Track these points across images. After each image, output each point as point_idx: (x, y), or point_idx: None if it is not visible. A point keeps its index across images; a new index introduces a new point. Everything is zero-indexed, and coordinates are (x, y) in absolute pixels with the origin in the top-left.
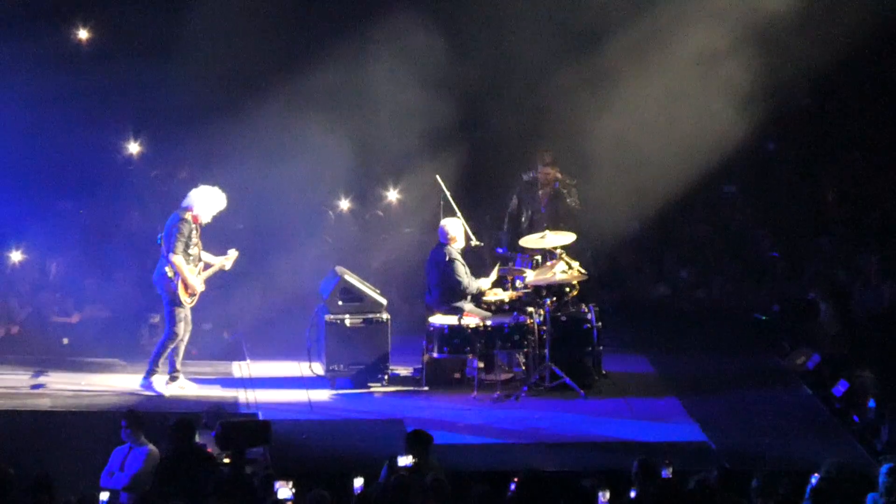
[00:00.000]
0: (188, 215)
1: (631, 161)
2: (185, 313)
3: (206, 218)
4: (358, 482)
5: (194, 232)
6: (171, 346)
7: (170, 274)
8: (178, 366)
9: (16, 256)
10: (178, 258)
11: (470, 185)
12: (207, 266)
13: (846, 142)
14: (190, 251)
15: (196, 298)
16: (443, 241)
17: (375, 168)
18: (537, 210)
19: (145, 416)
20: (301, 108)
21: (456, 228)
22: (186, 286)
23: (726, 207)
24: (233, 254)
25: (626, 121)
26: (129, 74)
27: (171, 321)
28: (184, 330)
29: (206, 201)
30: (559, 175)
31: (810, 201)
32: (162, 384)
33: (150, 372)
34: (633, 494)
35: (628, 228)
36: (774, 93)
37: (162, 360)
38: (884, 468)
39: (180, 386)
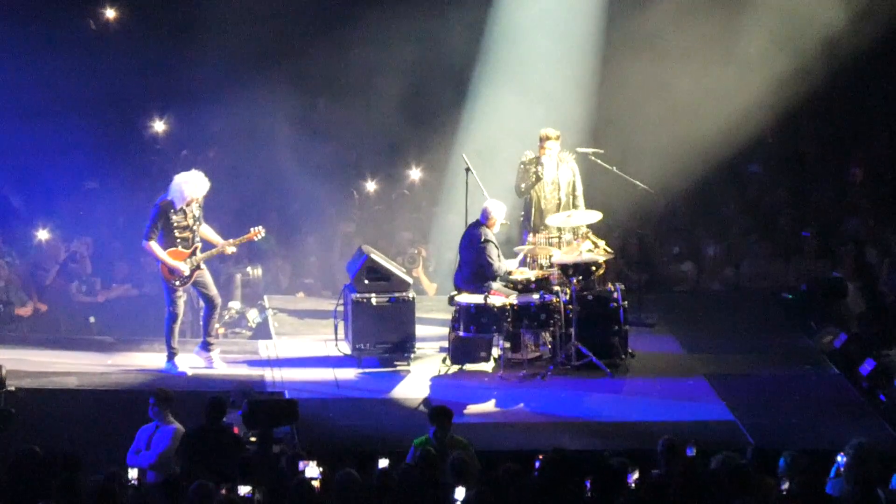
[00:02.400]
0: (163, 202)
1: (661, 138)
2: (179, 294)
3: (179, 203)
4: (382, 462)
5: (175, 217)
6: (176, 326)
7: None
8: (176, 343)
9: (43, 235)
10: (150, 244)
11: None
12: (209, 245)
13: (874, 121)
14: (175, 235)
15: (183, 280)
16: (482, 220)
17: (401, 148)
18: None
19: (174, 395)
20: (327, 89)
21: (498, 211)
22: (170, 269)
23: (753, 187)
24: (257, 230)
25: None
26: (156, 54)
27: (167, 302)
28: (182, 310)
29: (181, 187)
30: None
31: (838, 181)
32: (184, 364)
33: (171, 355)
34: (657, 473)
35: (656, 207)
36: (802, 72)
37: (174, 341)
38: None
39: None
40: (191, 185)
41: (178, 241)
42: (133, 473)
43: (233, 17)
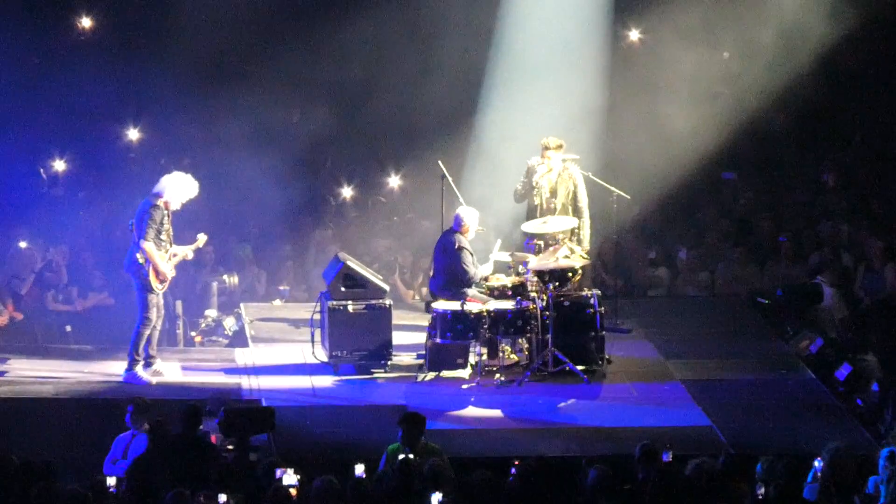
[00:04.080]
0: (160, 202)
1: (634, 145)
2: (156, 300)
3: (175, 205)
4: (359, 468)
5: (165, 218)
6: (146, 333)
7: (140, 260)
8: (153, 351)
9: (20, 244)
10: (149, 244)
11: (472, 170)
12: (175, 254)
13: (847, 126)
14: (161, 237)
15: (167, 284)
16: (455, 227)
17: (377, 154)
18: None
19: (152, 404)
20: (302, 95)
21: (471, 218)
22: (157, 272)
23: (728, 192)
24: (201, 238)
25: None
26: (129, 62)
27: (143, 308)
28: (156, 316)
29: (177, 188)
30: (564, 160)
31: (812, 185)
32: (144, 372)
33: (132, 362)
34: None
35: (630, 213)
36: (778, 77)
37: (139, 349)
38: (884, 452)
39: (156, 370)
40: (190, 188)
41: (164, 243)
42: (111, 481)
43: (208, 23)
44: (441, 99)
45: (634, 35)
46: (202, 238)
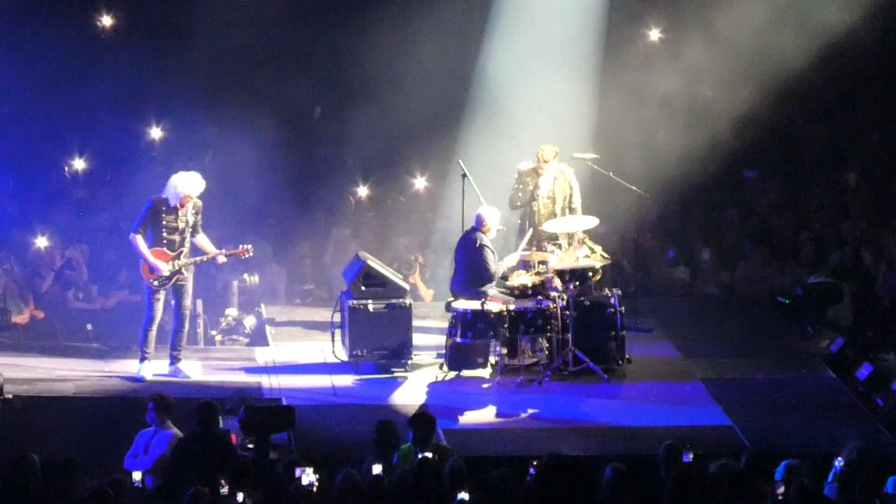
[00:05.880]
0: (155, 198)
1: (654, 144)
2: (158, 297)
3: (173, 200)
4: (377, 468)
5: (166, 216)
6: (148, 329)
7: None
8: (150, 348)
9: (41, 242)
10: (135, 238)
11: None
12: (199, 253)
13: (867, 124)
14: (163, 234)
15: (164, 281)
16: (476, 226)
17: (397, 153)
18: (536, 194)
19: (172, 401)
20: (321, 94)
21: (492, 217)
22: (150, 267)
23: (749, 191)
24: (246, 248)
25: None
26: (152, 59)
27: (146, 304)
28: (159, 313)
29: (173, 184)
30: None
31: (833, 185)
32: (142, 367)
33: (140, 359)
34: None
35: (651, 212)
36: (798, 75)
37: (142, 344)
38: None
39: (178, 369)
40: (185, 183)
41: (165, 241)
42: (137, 476)
43: (231, 21)
44: (461, 98)
45: (654, 34)
46: (246, 248)
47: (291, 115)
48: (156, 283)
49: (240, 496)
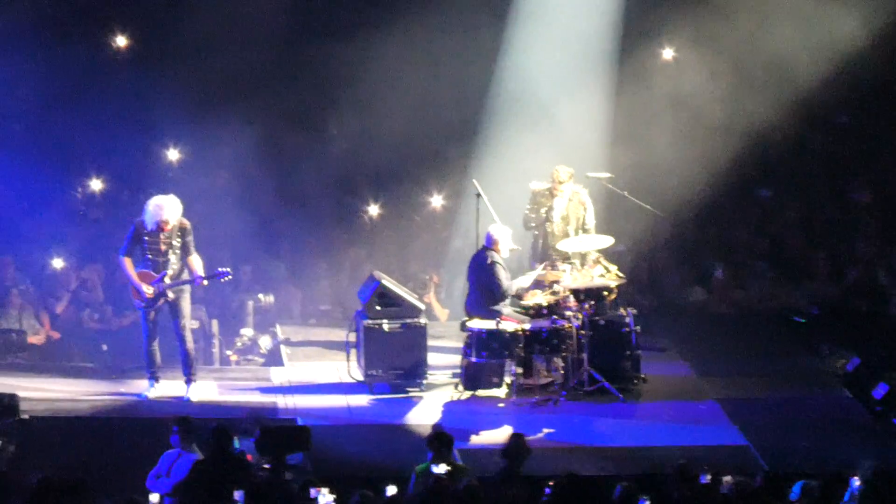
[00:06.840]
0: (136, 221)
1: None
2: (150, 315)
3: (149, 224)
4: (391, 489)
5: (147, 238)
6: (151, 347)
7: None
8: (156, 366)
9: (56, 263)
10: (123, 260)
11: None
12: (192, 274)
13: (881, 143)
14: (147, 257)
15: (147, 302)
16: (487, 244)
17: (412, 172)
18: (550, 215)
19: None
20: (337, 112)
21: (503, 235)
22: (135, 289)
23: (761, 209)
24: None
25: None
26: (165, 77)
27: (141, 324)
28: (154, 330)
29: (148, 209)
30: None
31: (846, 203)
32: (157, 391)
33: (151, 377)
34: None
35: (664, 231)
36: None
37: (153, 363)
38: None
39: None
40: (160, 209)
41: (150, 262)
42: (154, 498)
43: (247, 38)
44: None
45: (668, 53)
46: (225, 270)
47: (306, 133)
48: (143, 304)
49: None
